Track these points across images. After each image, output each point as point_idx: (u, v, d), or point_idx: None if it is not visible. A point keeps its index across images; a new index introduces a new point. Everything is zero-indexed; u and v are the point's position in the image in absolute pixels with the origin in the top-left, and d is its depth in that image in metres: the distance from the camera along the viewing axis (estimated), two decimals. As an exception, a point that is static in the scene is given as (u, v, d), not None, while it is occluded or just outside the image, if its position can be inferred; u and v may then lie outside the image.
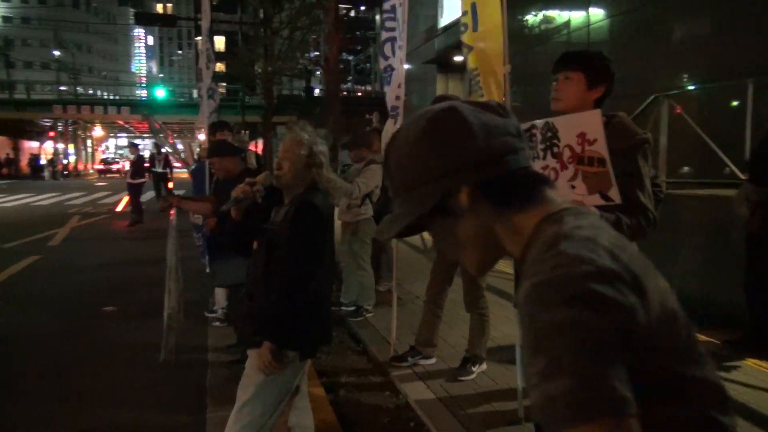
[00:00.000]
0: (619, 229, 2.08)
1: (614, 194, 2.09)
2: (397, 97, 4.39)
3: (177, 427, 3.46)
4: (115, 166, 43.54)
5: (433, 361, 4.07)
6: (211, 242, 4.19)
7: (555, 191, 0.82)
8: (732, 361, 3.94)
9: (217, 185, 5.25)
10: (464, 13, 3.17)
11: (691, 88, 6.59)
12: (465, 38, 3.09)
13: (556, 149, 2.22)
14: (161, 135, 6.67)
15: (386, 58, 4.46)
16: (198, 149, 7.63)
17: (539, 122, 2.29)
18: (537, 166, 2.27)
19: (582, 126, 2.13)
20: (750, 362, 3.92)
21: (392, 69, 4.43)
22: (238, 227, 2.43)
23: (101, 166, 45.44)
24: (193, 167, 6.55)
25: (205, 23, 7.25)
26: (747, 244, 4.18)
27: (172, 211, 4.42)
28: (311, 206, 2.28)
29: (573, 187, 2.18)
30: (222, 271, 4.15)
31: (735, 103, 5.10)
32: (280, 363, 2.19)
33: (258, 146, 27.45)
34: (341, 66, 13.36)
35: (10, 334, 5.22)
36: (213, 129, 5.84)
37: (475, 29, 3.08)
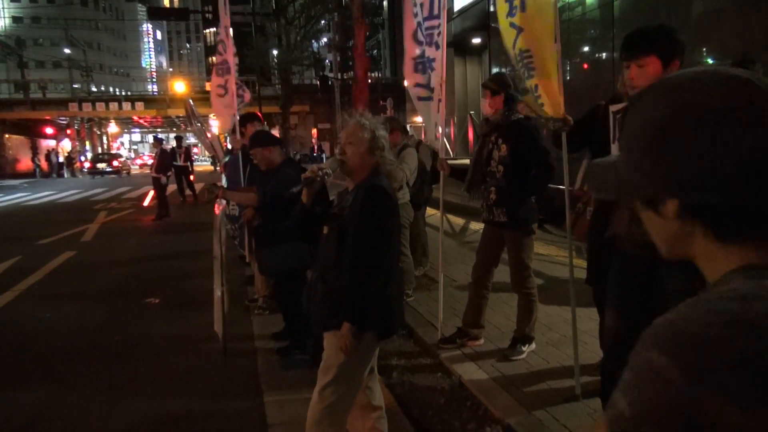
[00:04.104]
0: None
1: None
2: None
3: (236, 412, 3.52)
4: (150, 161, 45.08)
5: (481, 342, 4.11)
6: (259, 231, 4.23)
7: None
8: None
9: (251, 176, 5.28)
10: None
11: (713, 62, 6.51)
12: (516, 20, 3.07)
13: None
14: (198, 124, 6.63)
15: (420, 43, 4.48)
16: (227, 140, 7.62)
17: None
18: (614, 148, 2.30)
19: None
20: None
21: (426, 55, 4.45)
22: (306, 212, 2.47)
23: (141, 161, 51.85)
24: (226, 159, 6.58)
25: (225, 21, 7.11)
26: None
27: (216, 203, 4.48)
28: (380, 189, 2.32)
29: None
30: (270, 260, 4.19)
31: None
32: (360, 343, 2.25)
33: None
34: (349, 53, 13.43)
35: (58, 327, 5.32)
36: (243, 121, 5.85)
37: (523, 9, 3.07)
